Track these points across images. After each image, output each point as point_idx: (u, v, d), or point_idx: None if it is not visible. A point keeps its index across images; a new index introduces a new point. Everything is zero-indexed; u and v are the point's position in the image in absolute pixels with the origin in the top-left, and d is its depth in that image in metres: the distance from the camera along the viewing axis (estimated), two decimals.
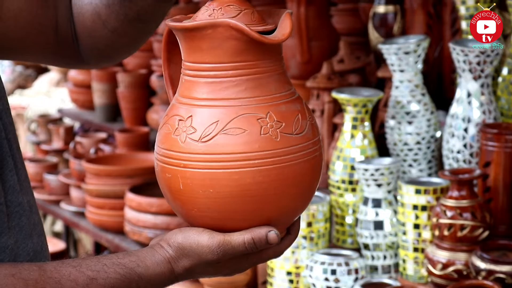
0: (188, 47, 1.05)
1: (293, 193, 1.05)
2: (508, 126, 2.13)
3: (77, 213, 3.56)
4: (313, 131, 1.07)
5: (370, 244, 2.21)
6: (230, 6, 1.05)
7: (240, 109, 1.02)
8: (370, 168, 2.19)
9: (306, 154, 1.05)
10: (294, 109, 1.05)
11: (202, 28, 1.02)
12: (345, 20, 2.97)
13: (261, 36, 1.01)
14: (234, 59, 1.02)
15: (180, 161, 1.04)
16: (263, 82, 1.04)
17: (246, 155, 1.02)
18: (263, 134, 1.02)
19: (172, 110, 1.07)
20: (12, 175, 1.11)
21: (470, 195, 2.04)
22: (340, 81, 2.56)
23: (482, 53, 2.13)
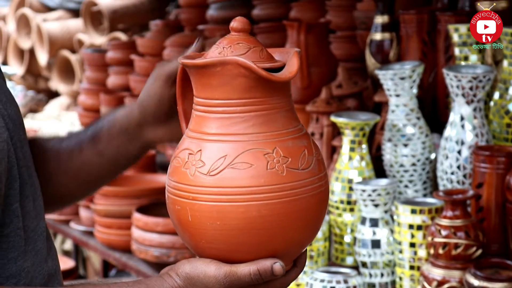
0: (199, 83, 1.06)
1: (299, 227, 1.05)
2: (500, 149, 2.14)
3: (86, 232, 3.57)
4: (319, 167, 1.07)
5: (368, 262, 2.23)
6: (240, 44, 1.06)
7: (248, 144, 1.04)
8: (368, 189, 2.20)
9: (311, 189, 1.05)
10: (300, 144, 1.06)
11: (212, 66, 1.04)
12: (343, 46, 2.98)
13: (268, 73, 1.02)
14: (243, 95, 1.04)
15: (189, 193, 1.05)
16: (271, 118, 1.05)
17: (253, 189, 1.03)
18: (269, 169, 1.04)
19: (183, 144, 1.08)
20: (29, 201, 1.14)
21: (463, 215, 2.05)
22: (339, 106, 2.56)
23: (474, 79, 2.14)
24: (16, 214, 1.12)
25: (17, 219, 1.12)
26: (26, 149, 1.18)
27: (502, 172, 2.09)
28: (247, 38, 1.08)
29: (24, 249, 1.13)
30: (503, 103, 2.21)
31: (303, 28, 2.72)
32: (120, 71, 4.10)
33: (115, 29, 4.77)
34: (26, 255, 1.13)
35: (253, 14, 3.59)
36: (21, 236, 1.12)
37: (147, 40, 3.94)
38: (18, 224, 1.12)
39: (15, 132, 1.16)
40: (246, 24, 1.08)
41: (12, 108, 1.17)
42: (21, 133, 1.17)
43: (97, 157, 1.27)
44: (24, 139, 1.18)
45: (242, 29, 1.08)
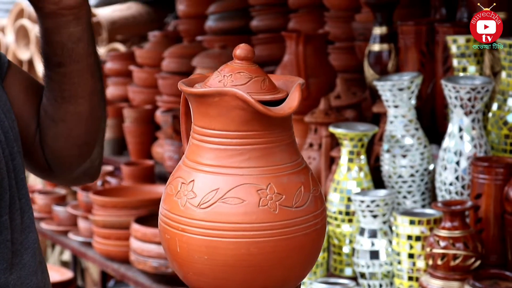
0: (197, 111, 1.03)
1: (290, 265, 1.02)
2: (498, 160, 2.14)
3: (84, 243, 3.57)
4: (316, 204, 1.04)
5: (367, 273, 2.23)
6: (241, 73, 1.03)
7: (241, 179, 1.00)
8: (366, 200, 2.21)
9: (305, 228, 1.02)
10: (297, 181, 1.02)
11: (210, 95, 1.01)
12: (342, 57, 3.00)
13: (265, 108, 0.99)
14: (240, 128, 1.00)
15: (178, 224, 1.02)
16: (267, 153, 1.01)
17: (243, 225, 0.99)
18: (261, 206, 1.00)
19: (178, 171, 1.05)
20: (18, 214, 1.14)
21: (462, 226, 2.05)
22: (337, 116, 2.57)
23: (473, 90, 2.15)
24: (5, 226, 1.11)
25: (6, 231, 1.12)
26: (18, 161, 1.18)
27: (501, 183, 2.09)
28: (249, 67, 1.05)
29: (11, 262, 1.12)
30: (501, 114, 2.22)
31: (302, 39, 2.72)
32: (118, 82, 4.10)
33: (114, 40, 4.78)
34: (12, 268, 1.12)
35: (251, 25, 3.60)
36: (9, 248, 1.11)
37: (146, 51, 3.95)
38: (7, 237, 1.11)
39: (8, 144, 1.15)
40: (250, 52, 1.06)
41: (7, 120, 1.17)
42: (14, 145, 1.17)
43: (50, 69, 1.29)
44: (17, 151, 1.18)
45: (245, 57, 1.05)
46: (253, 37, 3.54)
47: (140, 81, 3.91)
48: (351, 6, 3.03)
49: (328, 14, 3.16)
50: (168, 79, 3.66)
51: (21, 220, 1.15)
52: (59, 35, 1.24)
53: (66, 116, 1.26)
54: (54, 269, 4.07)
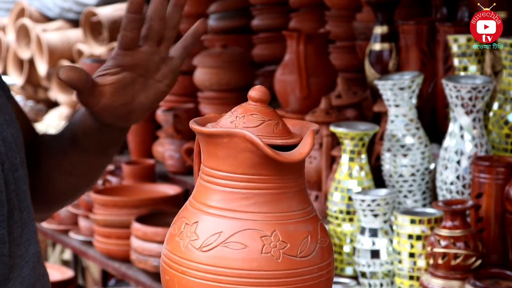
0: (206, 151, 1.01)
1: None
2: (499, 159, 2.15)
3: (85, 242, 3.57)
4: (323, 255, 1.00)
5: (367, 272, 2.24)
6: (254, 115, 1.01)
7: (245, 224, 0.97)
8: (367, 199, 2.21)
9: (309, 279, 0.99)
10: (304, 230, 0.99)
11: (219, 136, 0.98)
12: (343, 57, 3.00)
13: (274, 152, 0.96)
14: (248, 171, 0.98)
15: (178, 266, 1.00)
16: (275, 198, 0.98)
17: (243, 272, 0.97)
18: (264, 253, 0.97)
19: (183, 211, 1.03)
20: (17, 227, 1.12)
21: (463, 225, 2.06)
22: (338, 116, 2.57)
23: (473, 89, 2.15)
24: (3, 241, 1.10)
25: (3, 246, 1.10)
26: (21, 172, 1.16)
27: (502, 182, 2.10)
28: (263, 110, 1.01)
29: (8, 276, 1.11)
30: (502, 114, 2.22)
31: (303, 39, 2.73)
32: None
33: (115, 39, 4.78)
34: (9, 282, 1.11)
35: (252, 24, 3.60)
36: (6, 263, 1.10)
37: None
38: (4, 251, 1.10)
39: (9, 155, 1.14)
40: (265, 95, 1.02)
41: (10, 130, 1.16)
42: (16, 156, 1.16)
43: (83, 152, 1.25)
44: (19, 162, 1.16)
45: (259, 99, 1.02)
46: (254, 36, 3.54)
47: None
48: (352, 5, 3.03)
49: (329, 13, 3.16)
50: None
51: (21, 233, 1.14)
52: (100, 134, 1.23)
53: (61, 185, 1.27)
54: (55, 268, 4.07)
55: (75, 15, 5.25)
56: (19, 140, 1.18)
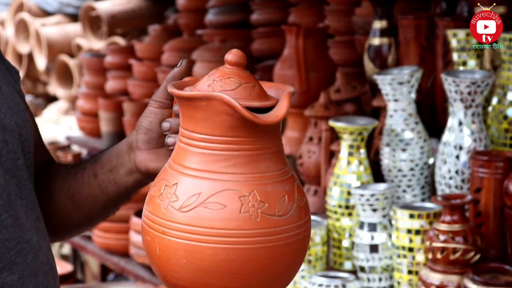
0: (185, 114, 1.03)
1: (269, 274, 1.01)
2: (498, 154, 2.15)
3: (84, 237, 3.57)
4: (299, 214, 1.02)
5: (366, 266, 2.24)
6: (231, 78, 1.02)
7: (224, 184, 0.99)
8: (366, 194, 2.21)
9: (287, 237, 1.00)
10: (281, 189, 1.01)
11: (197, 99, 1.00)
12: (342, 51, 2.99)
13: (252, 115, 0.98)
14: (226, 133, 1.00)
15: (159, 226, 1.02)
16: (253, 160, 1.00)
17: (223, 231, 0.99)
18: (242, 213, 0.99)
19: (163, 173, 1.05)
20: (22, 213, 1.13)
21: (462, 220, 2.06)
22: (337, 110, 2.57)
23: (473, 84, 2.15)
24: (4, 225, 1.11)
25: (5, 230, 1.11)
26: (23, 161, 1.16)
27: (500, 177, 2.10)
28: (240, 73, 1.03)
29: (11, 261, 1.11)
30: (501, 108, 2.22)
31: (302, 33, 2.72)
32: (118, 76, 4.10)
33: (114, 34, 4.78)
34: (14, 267, 1.11)
35: (251, 19, 3.60)
36: (8, 247, 1.10)
37: (146, 45, 3.95)
38: (6, 236, 1.10)
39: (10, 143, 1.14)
40: (242, 58, 1.04)
41: (14, 119, 1.16)
42: (18, 145, 1.16)
43: (93, 177, 1.24)
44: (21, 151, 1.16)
45: (236, 62, 1.04)
46: (253, 31, 3.54)
47: (140, 74, 3.92)
48: (351, 0, 3.03)
49: (328, 8, 3.16)
50: (168, 72, 3.65)
51: (26, 220, 1.14)
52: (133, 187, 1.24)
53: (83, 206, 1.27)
54: None
55: (74, 10, 5.25)
56: (25, 131, 1.18)
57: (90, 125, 4.13)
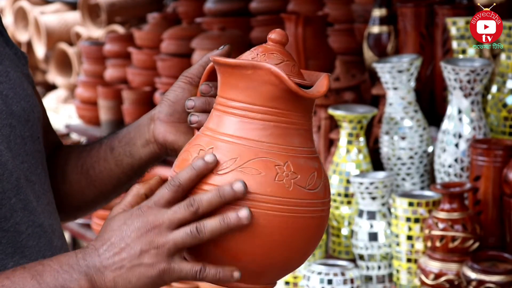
0: (226, 82, 1.06)
1: (293, 246, 1.04)
2: (497, 142, 2.15)
3: (83, 225, 3.58)
4: (325, 192, 1.06)
5: (365, 255, 2.24)
6: (274, 54, 1.05)
7: (261, 152, 1.03)
8: (365, 182, 2.22)
9: (313, 211, 1.04)
10: (311, 165, 1.05)
11: (244, 67, 1.03)
12: (341, 40, 2.99)
13: (297, 87, 1.01)
14: (267, 103, 1.03)
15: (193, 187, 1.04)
16: (288, 133, 1.04)
17: (256, 196, 1.02)
18: (277, 180, 1.02)
19: (196, 139, 1.08)
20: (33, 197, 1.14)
21: (461, 208, 2.06)
22: (336, 98, 2.57)
23: (472, 72, 2.15)
24: (14, 209, 1.11)
25: (16, 214, 1.11)
26: (31, 146, 1.17)
27: (500, 165, 2.10)
28: (282, 51, 1.07)
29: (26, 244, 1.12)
30: (500, 97, 2.22)
31: (301, 21, 2.72)
32: (117, 64, 4.10)
33: (113, 22, 4.77)
34: (26, 250, 1.12)
35: (251, 7, 3.59)
36: (19, 231, 1.11)
37: (145, 33, 3.94)
38: (16, 219, 1.11)
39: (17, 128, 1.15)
40: (284, 38, 1.08)
41: (21, 104, 1.16)
42: (26, 130, 1.16)
43: (109, 151, 1.25)
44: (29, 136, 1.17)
45: (279, 41, 1.07)
46: (252, 19, 3.53)
47: (139, 63, 3.91)
48: None
49: None
50: (167, 61, 3.65)
51: (37, 204, 1.15)
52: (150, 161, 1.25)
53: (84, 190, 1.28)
54: None
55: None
56: (33, 115, 1.18)
57: (89, 113, 4.13)
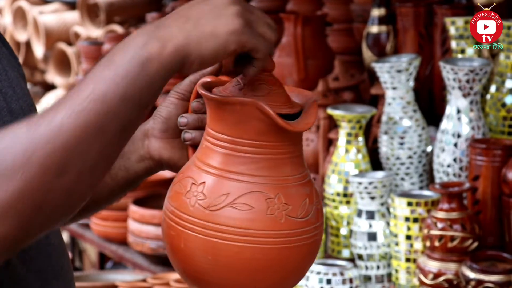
0: (214, 116, 1.06)
1: (287, 272, 1.06)
2: (496, 142, 2.16)
3: (82, 225, 3.55)
4: (317, 216, 1.07)
5: (364, 254, 2.25)
6: (262, 84, 1.05)
7: (252, 186, 1.03)
8: (364, 182, 2.22)
9: (306, 238, 1.05)
10: (303, 192, 1.06)
11: (231, 104, 1.03)
12: (340, 39, 2.99)
13: (285, 122, 1.01)
14: (255, 137, 1.03)
15: (186, 223, 1.05)
16: (278, 163, 1.04)
17: (249, 231, 1.03)
18: (269, 214, 1.03)
19: (188, 170, 1.08)
20: None
21: (460, 208, 2.07)
22: (335, 98, 2.57)
23: (471, 72, 2.15)
24: None
25: None
26: None
27: (498, 165, 2.10)
28: (269, 79, 1.06)
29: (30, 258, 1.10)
30: (499, 96, 2.22)
31: (300, 21, 2.73)
32: None
33: (112, 22, 4.77)
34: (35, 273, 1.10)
35: None
36: None
37: None
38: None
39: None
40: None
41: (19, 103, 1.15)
42: None
43: None
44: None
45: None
46: None
47: None
48: None
49: None
50: None
51: None
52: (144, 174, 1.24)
53: None
54: None
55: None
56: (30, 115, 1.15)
57: None
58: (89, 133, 0.91)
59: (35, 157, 0.89)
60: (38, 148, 0.89)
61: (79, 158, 0.91)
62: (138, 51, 0.93)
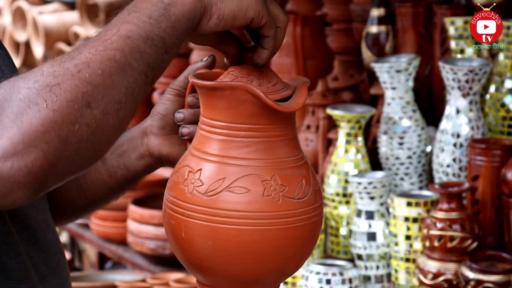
0: (207, 103, 1.07)
1: (287, 254, 1.06)
2: (496, 142, 2.16)
3: (81, 225, 3.56)
4: (315, 197, 1.08)
5: (364, 254, 2.25)
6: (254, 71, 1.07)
7: (247, 169, 1.05)
8: (363, 182, 2.22)
9: (305, 219, 1.06)
10: (299, 174, 1.07)
11: (222, 89, 1.05)
12: (339, 39, 2.98)
13: (275, 103, 1.03)
14: (248, 121, 1.05)
15: (184, 210, 1.07)
16: (272, 146, 1.06)
17: (247, 213, 1.04)
18: (265, 196, 1.04)
19: (185, 160, 1.09)
20: None
21: (459, 208, 2.07)
22: (335, 98, 2.57)
23: (470, 72, 2.15)
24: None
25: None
26: None
27: (498, 165, 2.10)
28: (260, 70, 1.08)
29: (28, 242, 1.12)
30: (498, 96, 2.22)
31: (299, 21, 2.73)
32: None
33: None
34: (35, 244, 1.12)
35: None
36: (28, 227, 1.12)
37: None
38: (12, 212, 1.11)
39: None
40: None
41: None
42: None
43: (101, 163, 1.24)
44: None
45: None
46: None
47: None
48: None
49: None
50: None
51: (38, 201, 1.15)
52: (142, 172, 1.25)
53: None
54: None
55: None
56: None
57: None
58: (114, 68, 0.93)
59: (60, 89, 0.90)
60: (64, 80, 0.91)
61: (104, 92, 0.92)
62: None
